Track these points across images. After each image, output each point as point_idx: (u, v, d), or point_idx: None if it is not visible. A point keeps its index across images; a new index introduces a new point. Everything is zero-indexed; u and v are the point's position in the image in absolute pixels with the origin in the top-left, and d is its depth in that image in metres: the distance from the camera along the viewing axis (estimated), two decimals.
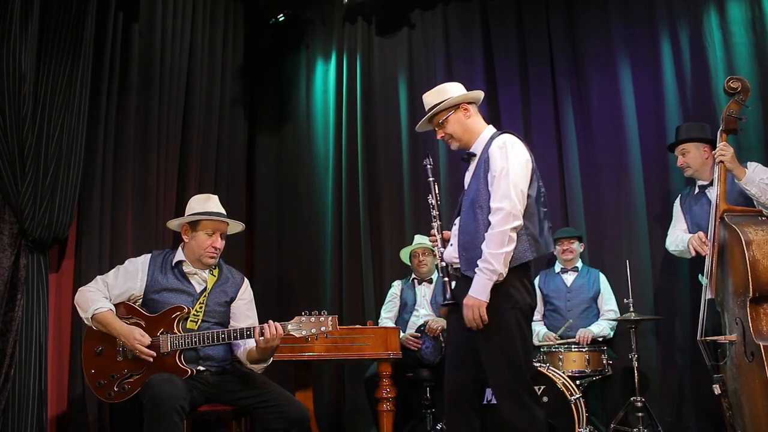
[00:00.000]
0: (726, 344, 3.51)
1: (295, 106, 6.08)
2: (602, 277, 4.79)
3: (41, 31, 3.61)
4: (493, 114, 5.47)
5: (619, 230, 4.97)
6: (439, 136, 3.20)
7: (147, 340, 3.10)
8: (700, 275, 4.07)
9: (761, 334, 3.26)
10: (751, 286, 3.30)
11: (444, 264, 3.08)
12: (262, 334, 3.04)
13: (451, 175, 5.47)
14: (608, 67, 5.21)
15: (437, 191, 3.30)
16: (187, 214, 3.39)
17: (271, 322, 3.07)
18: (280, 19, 5.84)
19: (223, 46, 5.42)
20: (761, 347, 3.18)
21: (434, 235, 3.16)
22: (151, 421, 2.85)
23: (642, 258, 4.84)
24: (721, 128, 3.78)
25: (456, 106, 3.13)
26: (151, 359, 3.07)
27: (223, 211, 3.41)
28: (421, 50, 5.78)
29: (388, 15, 5.87)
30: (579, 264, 4.79)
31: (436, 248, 3.16)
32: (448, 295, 3.03)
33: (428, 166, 3.35)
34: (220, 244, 3.32)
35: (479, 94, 3.23)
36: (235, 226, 3.50)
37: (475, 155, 3.08)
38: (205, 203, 3.39)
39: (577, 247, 4.76)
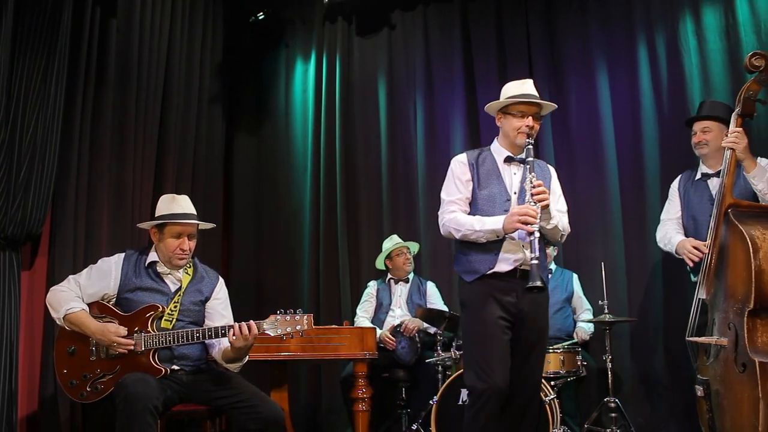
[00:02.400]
0: (712, 344, 3.38)
1: (274, 105, 6.06)
2: (575, 279, 4.85)
3: (16, 25, 3.55)
4: (471, 115, 5.51)
5: (595, 232, 5.01)
6: (536, 127, 3.22)
7: (123, 330, 3.07)
8: (689, 268, 4.00)
9: (756, 348, 3.09)
10: (753, 297, 3.09)
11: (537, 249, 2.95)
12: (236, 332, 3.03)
13: (428, 176, 5.50)
14: (586, 70, 5.26)
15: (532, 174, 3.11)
16: (155, 215, 3.36)
17: (250, 322, 3.06)
18: (260, 18, 5.82)
19: (202, 43, 5.38)
20: (756, 363, 3.01)
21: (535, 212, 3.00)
22: (124, 422, 2.82)
23: (617, 260, 4.89)
24: (737, 110, 3.47)
25: None
26: (132, 347, 3.05)
27: (192, 211, 3.36)
28: (401, 51, 5.79)
29: (368, 15, 5.87)
30: (552, 266, 4.83)
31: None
32: (538, 282, 2.91)
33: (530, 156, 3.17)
34: (188, 245, 3.28)
35: None
36: (205, 225, 3.47)
37: (525, 161, 3.14)
38: (171, 204, 3.35)
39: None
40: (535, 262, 2.90)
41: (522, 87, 3.24)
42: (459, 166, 3.26)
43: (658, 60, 5.01)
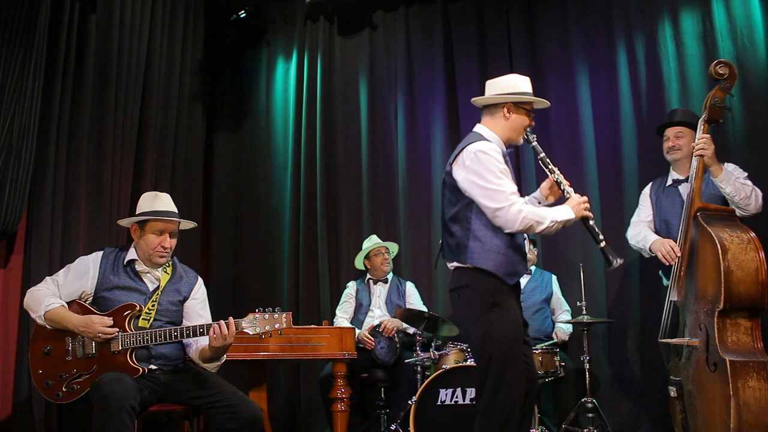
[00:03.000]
0: (684, 345, 3.46)
1: (255, 104, 6.03)
2: (554, 280, 4.89)
3: None
4: (452, 116, 5.53)
5: (574, 234, 5.05)
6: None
7: (108, 320, 3.04)
8: (660, 272, 4.07)
9: (726, 347, 3.19)
10: (722, 298, 3.19)
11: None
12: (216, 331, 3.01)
13: (409, 176, 5.51)
14: (566, 71, 5.30)
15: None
16: (137, 212, 3.33)
17: (229, 319, 3.04)
18: (242, 16, 5.77)
19: (183, 40, 5.34)
20: (726, 362, 3.10)
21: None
22: (100, 422, 2.79)
23: (595, 262, 4.92)
24: (703, 117, 3.56)
25: None
26: (116, 334, 3.02)
27: (174, 209, 3.33)
28: (383, 51, 5.79)
29: (350, 15, 5.87)
30: (532, 267, 4.86)
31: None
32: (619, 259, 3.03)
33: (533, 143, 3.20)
34: (169, 243, 3.25)
35: None
36: (187, 224, 3.45)
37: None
38: (153, 202, 3.31)
39: (532, 250, 4.83)
40: (604, 243, 3.01)
41: (529, 85, 3.18)
42: (497, 155, 2.98)
43: (637, 63, 5.06)
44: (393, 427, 4.31)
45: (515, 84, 3.14)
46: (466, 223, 2.96)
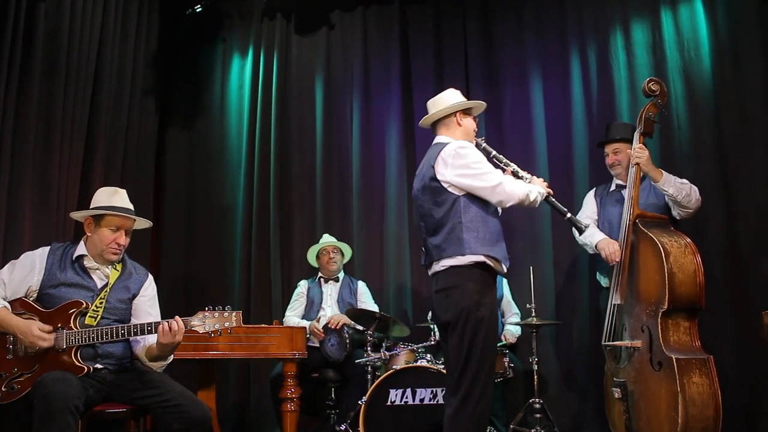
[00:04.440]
0: (623, 348, 3.57)
1: (209, 100, 5.96)
2: (505, 283, 4.95)
3: None
4: (407, 118, 5.56)
5: (524, 238, 5.13)
6: None
7: (48, 327, 2.96)
8: (598, 274, 4.22)
9: (670, 346, 3.32)
10: (666, 299, 3.33)
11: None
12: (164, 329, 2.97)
13: (363, 176, 5.52)
14: (521, 76, 5.38)
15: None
16: (92, 206, 3.25)
17: (176, 318, 3.00)
18: (197, 10, 5.70)
19: (137, 33, 5.24)
20: (673, 360, 3.24)
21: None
22: (42, 422, 2.71)
23: (545, 265, 5.02)
24: (639, 130, 3.79)
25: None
26: (52, 343, 2.94)
27: (131, 207, 3.28)
28: (339, 51, 5.79)
29: (307, 13, 5.85)
30: None
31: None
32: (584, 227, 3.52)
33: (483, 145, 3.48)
34: (124, 240, 3.20)
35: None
36: (142, 223, 3.39)
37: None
38: (112, 197, 3.25)
39: None
40: (570, 214, 3.44)
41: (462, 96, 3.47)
42: (474, 149, 3.27)
43: (590, 71, 5.17)
44: (343, 427, 4.30)
45: (455, 95, 3.44)
46: (457, 218, 3.11)
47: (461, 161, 3.12)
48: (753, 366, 4.33)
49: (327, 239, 5.10)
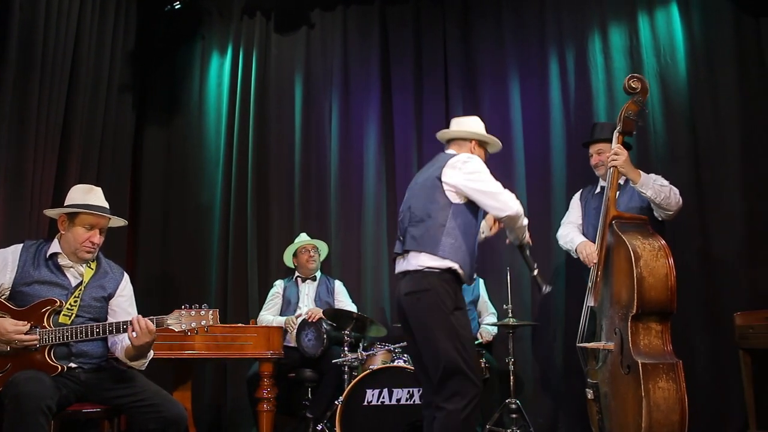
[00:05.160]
0: (600, 349, 3.60)
1: (188, 97, 5.92)
2: (482, 284, 4.98)
3: None
4: (386, 119, 5.56)
5: (501, 239, 5.13)
6: None
7: (24, 327, 2.90)
8: (585, 276, 4.21)
9: (639, 350, 3.34)
10: (636, 303, 3.34)
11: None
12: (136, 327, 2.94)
13: (341, 176, 5.52)
14: (499, 78, 5.42)
15: None
16: (66, 204, 3.21)
17: (149, 317, 2.97)
18: (176, 7, 5.65)
19: (114, 28, 5.17)
20: (639, 364, 3.25)
21: None
22: (13, 423, 2.66)
23: (522, 266, 5.02)
24: (618, 129, 3.73)
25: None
26: (36, 343, 2.90)
27: (106, 205, 3.23)
28: (319, 50, 5.78)
29: (287, 12, 5.83)
30: None
31: None
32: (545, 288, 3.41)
33: None
34: (98, 239, 3.16)
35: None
36: (117, 222, 3.35)
37: None
38: (87, 195, 3.21)
39: None
40: (537, 271, 3.44)
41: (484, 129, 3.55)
42: (483, 163, 3.31)
43: (568, 74, 5.22)
44: (319, 427, 4.30)
45: (479, 125, 3.51)
46: (442, 219, 3.13)
47: (471, 167, 3.20)
48: (724, 367, 4.40)
49: (305, 238, 5.08)
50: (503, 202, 3.15)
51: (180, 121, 5.89)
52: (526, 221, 3.26)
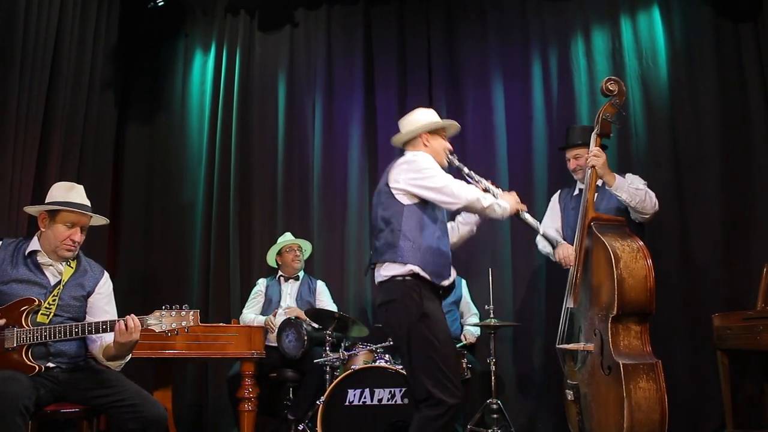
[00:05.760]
0: (579, 351, 3.61)
1: (170, 95, 5.88)
2: (464, 284, 5.00)
3: None
4: (369, 119, 5.57)
5: (484, 240, 5.17)
6: None
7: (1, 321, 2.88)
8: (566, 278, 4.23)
9: (619, 351, 3.35)
10: (616, 305, 3.34)
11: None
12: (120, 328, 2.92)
13: (324, 175, 5.51)
14: (483, 79, 5.44)
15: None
16: (47, 201, 3.17)
17: (132, 316, 2.95)
18: (159, 4, 5.60)
19: (96, 23, 5.12)
20: (620, 365, 3.26)
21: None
22: None
23: (504, 267, 5.07)
24: (595, 131, 3.74)
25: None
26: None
27: (87, 203, 3.20)
28: (303, 49, 5.77)
29: (271, 10, 5.81)
30: None
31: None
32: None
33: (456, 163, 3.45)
34: (79, 237, 3.13)
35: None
36: (98, 220, 3.32)
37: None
38: (68, 192, 3.17)
39: None
40: (543, 230, 3.55)
41: (436, 116, 3.45)
42: (431, 160, 3.25)
43: (551, 75, 5.26)
44: (300, 427, 4.29)
45: (423, 116, 3.41)
46: (398, 224, 3.10)
47: (413, 166, 3.15)
48: (701, 368, 4.45)
49: (289, 237, 5.07)
50: (453, 195, 3.09)
51: (162, 119, 5.85)
52: (489, 201, 3.16)
